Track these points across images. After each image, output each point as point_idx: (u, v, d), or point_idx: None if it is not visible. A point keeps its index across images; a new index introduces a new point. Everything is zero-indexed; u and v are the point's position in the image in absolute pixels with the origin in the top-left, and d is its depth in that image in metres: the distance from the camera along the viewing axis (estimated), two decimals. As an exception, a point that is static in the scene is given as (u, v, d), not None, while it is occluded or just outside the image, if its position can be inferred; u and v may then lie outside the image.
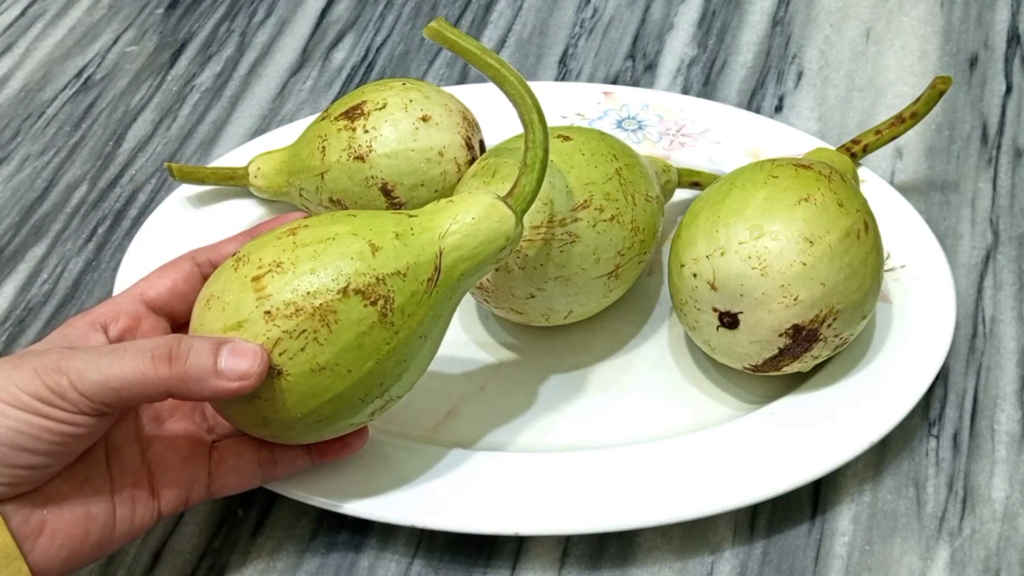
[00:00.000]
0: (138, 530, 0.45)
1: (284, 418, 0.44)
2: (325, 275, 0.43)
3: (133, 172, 0.68)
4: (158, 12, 0.80)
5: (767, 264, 0.48)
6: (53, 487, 0.43)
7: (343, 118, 0.56)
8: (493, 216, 0.47)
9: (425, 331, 0.45)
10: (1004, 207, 0.62)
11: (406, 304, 0.44)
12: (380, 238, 0.45)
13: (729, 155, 0.62)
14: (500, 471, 0.50)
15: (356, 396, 0.44)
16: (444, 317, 0.46)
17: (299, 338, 0.43)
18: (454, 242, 0.46)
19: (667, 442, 0.51)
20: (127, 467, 0.45)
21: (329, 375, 0.43)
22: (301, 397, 0.44)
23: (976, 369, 0.55)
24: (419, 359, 0.46)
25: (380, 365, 0.44)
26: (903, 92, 0.69)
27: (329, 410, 0.44)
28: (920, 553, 0.49)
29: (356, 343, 0.43)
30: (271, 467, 0.48)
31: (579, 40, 0.74)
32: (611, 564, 0.50)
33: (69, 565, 0.43)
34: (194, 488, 0.46)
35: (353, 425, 0.46)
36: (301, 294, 0.43)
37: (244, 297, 0.43)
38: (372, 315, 0.43)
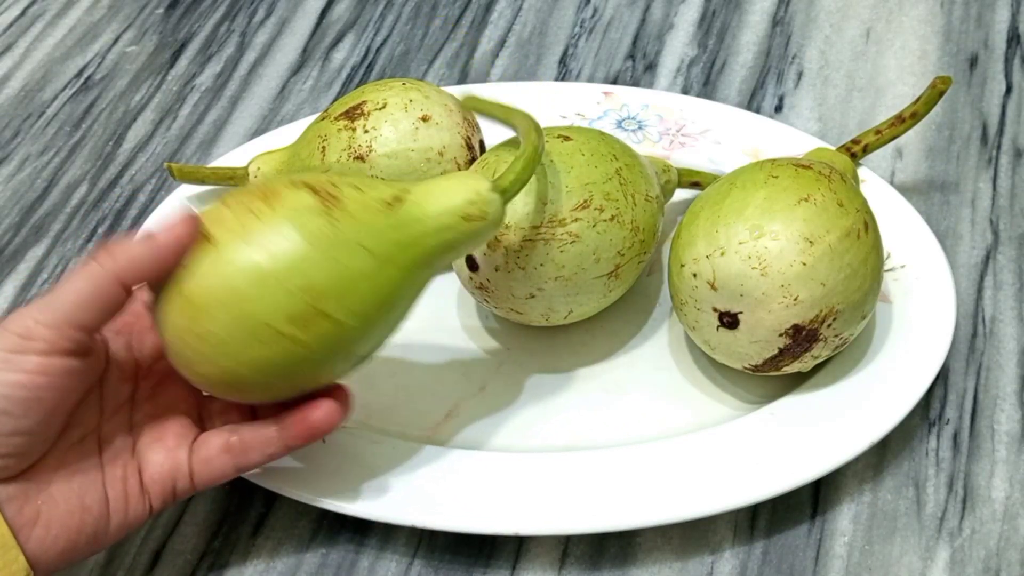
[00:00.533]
0: (133, 522, 0.45)
1: (205, 290, 0.42)
2: (285, 179, 0.44)
3: (133, 172, 0.68)
4: (158, 12, 0.80)
5: (767, 264, 0.48)
6: (45, 476, 0.43)
7: (343, 118, 0.56)
8: (467, 177, 0.47)
9: (368, 244, 0.43)
10: (1004, 207, 0.62)
11: (354, 209, 0.44)
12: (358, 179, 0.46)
13: (729, 155, 0.62)
14: (500, 471, 0.50)
15: (281, 284, 0.42)
16: (400, 255, 0.44)
17: (237, 210, 0.43)
18: (423, 187, 0.46)
19: (667, 442, 0.51)
20: (120, 460, 0.46)
21: (256, 248, 0.42)
22: (225, 267, 0.42)
23: (976, 369, 0.55)
24: (354, 275, 0.43)
25: (308, 249, 0.42)
26: (903, 92, 0.69)
27: (253, 292, 0.42)
28: (920, 553, 0.49)
29: (290, 219, 0.42)
30: (242, 455, 0.46)
31: (579, 40, 0.74)
32: (611, 564, 0.50)
33: (66, 557, 0.43)
34: (178, 481, 0.46)
35: (279, 337, 0.42)
36: (257, 185, 0.44)
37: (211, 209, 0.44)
38: (314, 203, 0.43)
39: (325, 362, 0.44)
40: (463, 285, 0.55)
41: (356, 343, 0.45)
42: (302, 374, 0.44)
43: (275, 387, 0.45)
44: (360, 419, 0.53)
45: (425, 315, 0.58)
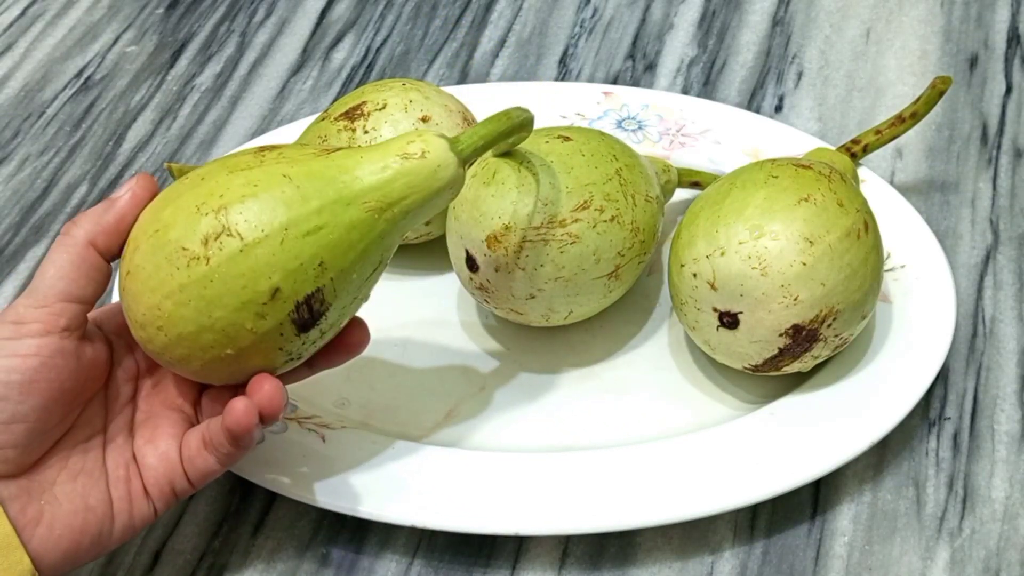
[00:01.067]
0: (139, 524, 0.45)
1: (136, 234, 0.43)
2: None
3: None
4: (158, 12, 0.80)
5: (767, 264, 0.48)
6: (49, 476, 0.43)
7: (343, 118, 0.56)
8: (421, 135, 0.44)
9: (292, 175, 0.42)
10: (1004, 207, 0.62)
11: (286, 151, 0.44)
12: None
13: (729, 155, 0.62)
14: (500, 471, 0.50)
15: (195, 207, 0.42)
16: (336, 207, 0.42)
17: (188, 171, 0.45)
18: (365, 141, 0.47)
19: (667, 442, 0.51)
20: (122, 461, 0.46)
21: (183, 184, 0.43)
22: (155, 203, 0.44)
23: (976, 369, 0.55)
24: (277, 202, 0.42)
25: (231, 176, 0.42)
26: (903, 92, 0.69)
27: (171, 217, 0.42)
28: (920, 553, 0.49)
29: (220, 162, 0.44)
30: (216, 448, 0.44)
31: (579, 40, 0.74)
32: (611, 564, 0.50)
33: (70, 558, 0.43)
34: (175, 480, 0.46)
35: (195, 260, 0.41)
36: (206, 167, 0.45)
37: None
38: (250, 153, 0.44)
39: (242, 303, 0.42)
40: (463, 285, 0.55)
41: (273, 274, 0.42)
42: (228, 324, 0.42)
43: (208, 345, 0.43)
44: (360, 419, 0.53)
45: (425, 315, 0.58)
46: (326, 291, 0.43)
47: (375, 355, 0.56)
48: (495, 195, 0.51)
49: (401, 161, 0.44)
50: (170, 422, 0.47)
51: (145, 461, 0.46)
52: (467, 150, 0.45)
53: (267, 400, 0.44)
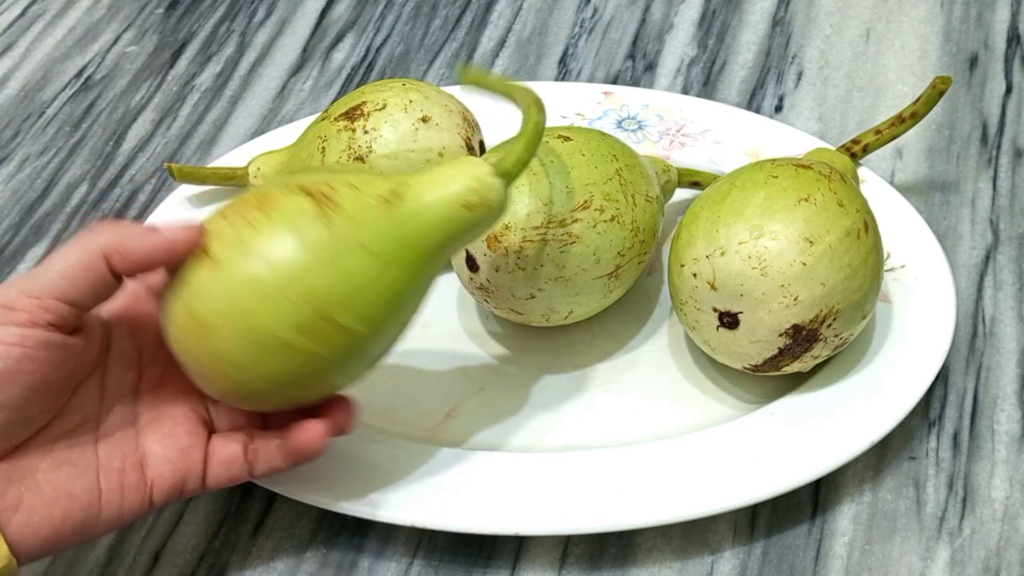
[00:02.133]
0: (129, 515, 0.45)
1: (205, 306, 0.42)
2: (282, 183, 0.44)
3: (133, 172, 0.69)
4: (158, 12, 0.80)
5: (767, 264, 0.48)
6: (31, 462, 0.43)
7: (343, 119, 0.56)
8: (465, 162, 0.45)
9: (367, 243, 0.43)
10: (1004, 207, 0.62)
11: (350, 209, 0.43)
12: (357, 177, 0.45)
13: (729, 155, 0.62)
14: (500, 471, 0.50)
15: (284, 295, 0.42)
16: (401, 253, 0.44)
17: (235, 222, 0.42)
18: (420, 178, 0.45)
19: (667, 442, 0.51)
20: (119, 450, 0.45)
21: (256, 261, 0.42)
22: (228, 284, 0.42)
23: (976, 369, 0.55)
24: (362, 276, 0.43)
25: (307, 256, 0.42)
26: (903, 92, 0.69)
27: (249, 297, 0.42)
28: (920, 553, 0.49)
29: (287, 227, 0.42)
30: (254, 462, 0.47)
31: (579, 40, 0.74)
32: (611, 564, 0.50)
33: (50, 544, 0.43)
34: (189, 479, 0.46)
35: (290, 349, 0.42)
36: (252, 194, 0.44)
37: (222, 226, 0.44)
38: (311, 207, 0.42)
39: (337, 368, 0.44)
40: (463, 286, 0.55)
41: (367, 346, 0.44)
42: (315, 382, 0.45)
43: (289, 395, 0.45)
44: (360, 419, 0.53)
45: (425, 316, 0.58)
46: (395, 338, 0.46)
47: (375, 355, 0.56)
48: (495, 195, 0.51)
49: (465, 212, 0.45)
50: (186, 419, 0.46)
51: (157, 454, 0.45)
52: (515, 176, 0.46)
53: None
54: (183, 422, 0.46)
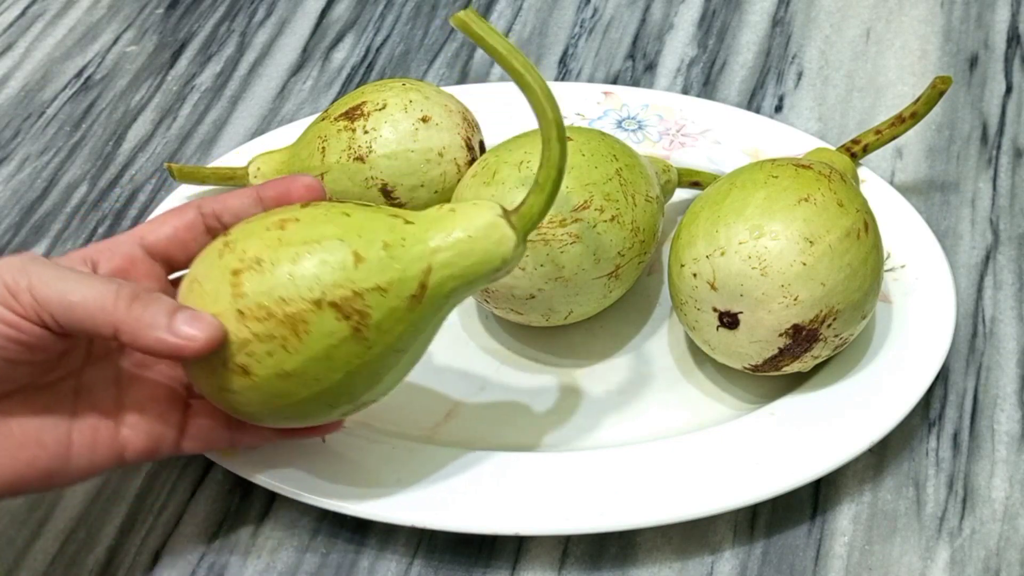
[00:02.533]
0: (99, 469, 0.45)
1: (251, 412, 0.44)
2: (302, 283, 0.42)
3: (133, 172, 0.69)
4: (158, 12, 0.80)
5: (767, 264, 0.48)
6: (6, 407, 0.43)
7: (343, 119, 0.56)
8: (491, 236, 0.44)
9: (403, 346, 0.44)
10: (1004, 207, 0.62)
11: (383, 320, 0.43)
12: (367, 248, 0.43)
13: (729, 155, 0.62)
14: (500, 471, 0.50)
15: (324, 402, 0.44)
16: (427, 332, 0.45)
17: (267, 342, 0.42)
18: (445, 259, 0.44)
19: (667, 442, 0.51)
20: (97, 407, 0.45)
21: (295, 382, 0.43)
22: (266, 397, 0.43)
23: (976, 369, 0.55)
24: (395, 371, 0.45)
25: (350, 377, 0.43)
26: (903, 92, 0.69)
27: (295, 412, 0.44)
28: (920, 553, 0.49)
29: (325, 355, 0.42)
30: (240, 433, 0.47)
31: (579, 40, 0.74)
32: (611, 564, 0.50)
33: (12, 487, 0.43)
34: (164, 441, 0.46)
35: (324, 419, 0.46)
36: (274, 299, 0.42)
37: (221, 289, 0.43)
38: (344, 329, 0.42)
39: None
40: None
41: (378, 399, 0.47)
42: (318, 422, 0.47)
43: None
44: (360, 419, 0.53)
45: (425, 315, 0.58)
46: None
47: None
48: (495, 195, 0.51)
49: (485, 281, 0.45)
50: (169, 381, 0.47)
51: (131, 416, 0.45)
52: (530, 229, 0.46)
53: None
54: (165, 385, 0.46)
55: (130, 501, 0.52)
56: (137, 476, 0.53)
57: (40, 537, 0.51)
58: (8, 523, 0.52)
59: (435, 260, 0.44)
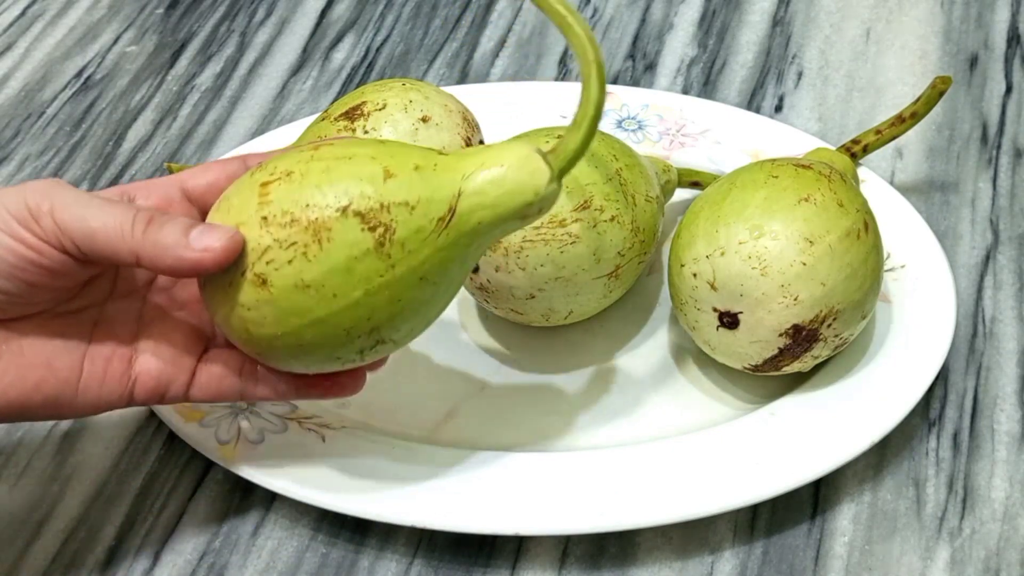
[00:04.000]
0: (105, 405, 0.44)
1: (264, 333, 0.43)
2: (329, 191, 0.41)
3: (133, 172, 0.68)
4: (158, 12, 0.80)
5: (767, 264, 0.48)
6: (23, 327, 0.43)
7: (343, 119, 0.56)
8: (526, 167, 0.42)
9: (427, 274, 0.42)
10: (1004, 207, 0.62)
11: (408, 238, 0.42)
12: (398, 166, 0.42)
13: (729, 155, 0.62)
14: (500, 471, 0.50)
15: (341, 326, 0.42)
16: (454, 268, 0.43)
17: (288, 249, 0.41)
18: (476, 186, 0.42)
19: (667, 442, 0.51)
20: (114, 339, 0.45)
21: (313, 295, 0.41)
22: (282, 313, 0.42)
23: (976, 369, 0.55)
24: (417, 305, 0.43)
25: (370, 297, 0.42)
26: (903, 92, 0.69)
27: (311, 335, 0.42)
28: (920, 553, 0.49)
29: (346, 267, 0.41)
30: (252, 384, 0.46)
31: (579, 40, 0.74)
32: (611, 564, 0.50)
33: (16, 410, 0.43)
34: (173, 384, 0.45)
35: (340, 361, 0.44)
36: (300, 205, 0.41)
37: (248, 200, 0.42)
38: (368, 241, 0.41)
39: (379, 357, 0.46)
40: (463, 285, 0.55)
41: (413, 338, 0.45)
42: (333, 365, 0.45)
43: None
44: (360, 419, 0.53)
45: (425, 315, 0.58)
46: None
47: (375, 355, 0.56)
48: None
49: (519, 222, 0.43)
50: (189, 326, 0.46)
51: (151, 352, 0.45)
52: (566, 168, 0.44)
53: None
54: (184, 327, 0.46)
55: (130, 501, 0.52)
56: (137, 476, 0.53)
57: (40, 537, 0.51)
58: (8, 523, 0.52)
59: (466, 186, 0.42)
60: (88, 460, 0.54)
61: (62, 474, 0.54)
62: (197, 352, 0.46)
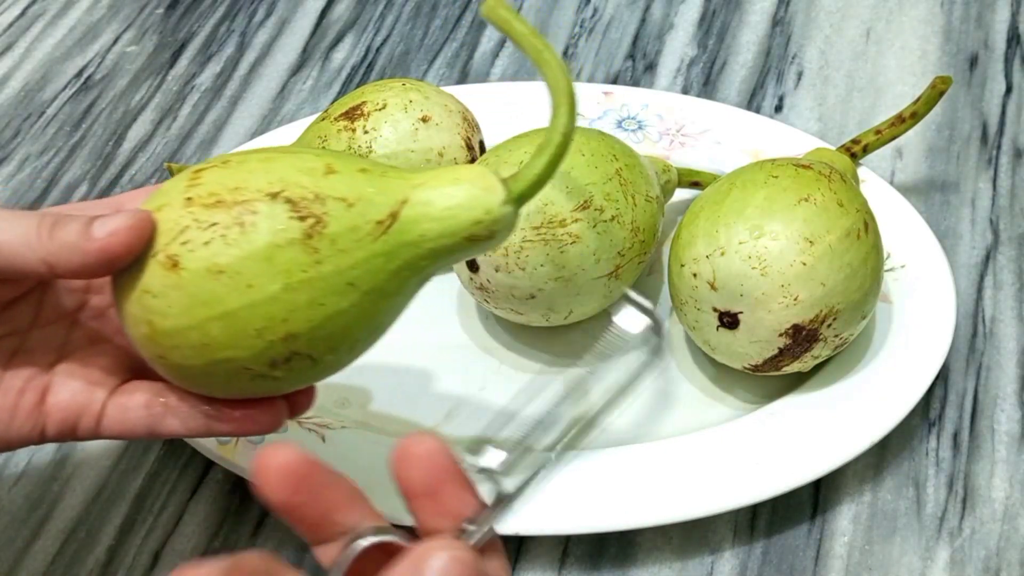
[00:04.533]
0: (16, 442, 0.42)
1: (167, 327, 0.39)
2: (263, 177, 0.39)
3: (133, 172, 0.68)
4: (158, 12, 0.80)
5: (767, 264, 0.48)
6: None
7: (343, 119, 0.56)
8: (480, 184, 0.40)
9: (357, 280, 0.39)
10: (1004, 207, 0.62)
11: (341, 236, 0.38)
12: (343, 167, 0.40)
13: (729, 155, 0.62)
14: (500, 471, 0.50)
15: (252, 324, 0.38)
16: (389, 285, 0.40)
17: (207, 230, 0.38)
18: (424, 196, 0.39)
19: (667, 442, 0.51)
20: (27, 373, 0.42)
21: (226, 283, 0.38)
22: (190, 301, 0.38)
23: (976, 369, 0.55)
24: (341, 317, 0.39)
25: (288, 293, 0.38)
26: (903, 92, 0.69)
27: (218, 330, 0.38)
28: (920, 553, 0.49)
29: (266, 254, 0.38)
30: (160, 417, 0.42)
31: (579, 40, 0.74)
32: (611, 564, 0.50)
33: None
34: (83, 418, 0.42)
35: (250, 375, 0.39)
36: (228, 188, 0.38)
37: (178, 184, 0.40)
38: (295, 230, 0.38)
39: (301, 384, 0.42)
40: (463, 285, 0.55)
41: (337, 367, 0.42)
42: (273, 393, 0.43)
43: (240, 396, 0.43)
44: (360, 419, 0.53)
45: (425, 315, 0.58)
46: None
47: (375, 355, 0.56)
48: (495, 195, 0.51)
49: (466, 244, 0.40)
50: (110, 356, 0.44)
51: (64, 384, 0.43)
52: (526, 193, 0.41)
53: (305, 405, 0.44)
54: (104, 357, 0.43)
55: (130, 501, 0.52)
56: (137, 476, 0.53)
57: (40, 537, 0.51)
58: (8, 523, 0.52)
59: (414, 195, 0.40)
60: (88, 460, 0.54)
61: (62, 474, 0.54)
62: (112, 384, 0.43)
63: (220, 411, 0.42)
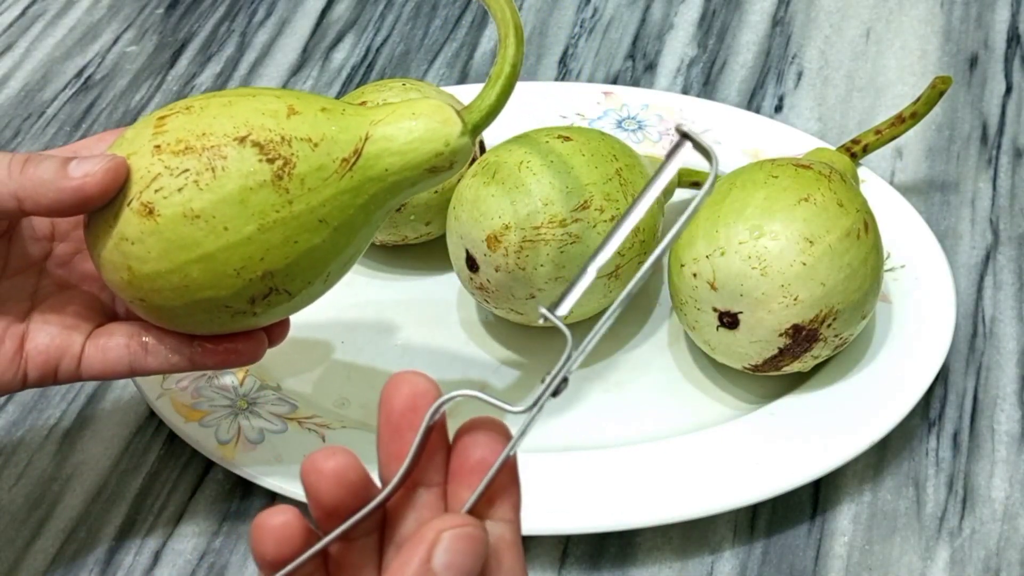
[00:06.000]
0: None
1: (147, 271, 0.40)
2: (228, 122, 0.40)
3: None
4: (158, 12, 0.80)
5: (767, 264, 0.48)
6: None
7: (343, 118, 0.56)
8: (437, 117, 0.42)
9: (327, 217, 0.41)
10: (1004, 207, 0.62)
11: (309, 175, 0.40)
12: (304, 107, 0.41)
13: (729, 155, 0.62)
14: (500, 471, 0.50)
15: (230, 264, 0.40)
16: (357, 218, 0.42)
17: (179, 176, 0.39)
18: (385, 132, 0.41)
19: (667, 442, 0.51)
20: (6, 318, 0.43)
21: (202, 227, 0.39)
22: (168, 246, 0.40)
23: (976, 369, 0.55)
24: (314, 251, 0.41)
25: (263, 234, 0.40)
26: (903, 92, 0.69)
27: (198, 272, 0.40)
28: (920, 553, 0.49)
29: (239, 198, 0.39)
30: (141, 355, 0.44)
31: (579, 40, 0.74)
32: (611, 564, 0.50)
33: None
34: (63, 360, 0.43)
35: (231, 312, 0.42)
36: (196, 134, 0.40)
37: (144, 132, 0.41)
38: (265, 172, 0.40)
39: (275, 318, 0.44)
40: (463, 285, 0.55)
41: (310, 300, 0.44)
42: (248, 327, 0.44)
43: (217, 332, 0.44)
44: (360, 419, 0.53)
45: (425, 315, 0.58)
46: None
47: (375, 355, 0.56)
48: (495, 195, 0.51)
49: (428, 175, 0.43)
50: (85, 301, 0.44)
51: (41, 328, 0.43)
52: (480, 124, 0.44)
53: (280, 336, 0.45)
54: (79, 301, 0.44)
55: (130, 501, 0.52)
56: (137, 476, 0.53)
57: (40, 537, 0.51)
58: (8, 523, 0.52)
59: (375, 131, 0.42)
60: (88, 460, 0.54)
61: (62, 474, 0.54)
62: (89, 328, 0.44)
63: (203, 347, 0.44)
